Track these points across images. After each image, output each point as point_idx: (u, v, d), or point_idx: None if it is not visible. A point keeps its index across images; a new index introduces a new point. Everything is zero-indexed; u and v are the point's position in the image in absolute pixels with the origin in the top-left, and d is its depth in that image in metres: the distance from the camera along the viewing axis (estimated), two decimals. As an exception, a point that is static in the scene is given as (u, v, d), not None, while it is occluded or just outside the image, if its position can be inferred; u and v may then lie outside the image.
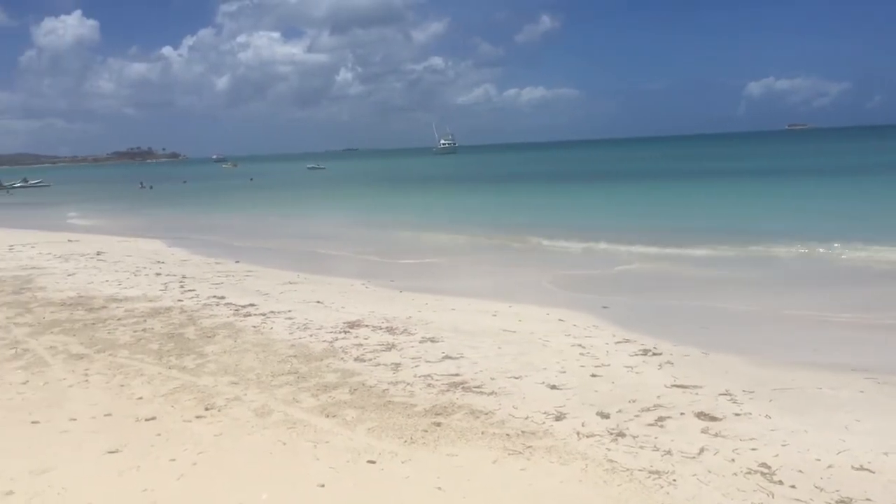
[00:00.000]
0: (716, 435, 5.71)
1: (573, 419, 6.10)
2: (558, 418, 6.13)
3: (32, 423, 6.22)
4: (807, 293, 12.55)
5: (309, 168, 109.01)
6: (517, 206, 34.62)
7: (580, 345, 8.73)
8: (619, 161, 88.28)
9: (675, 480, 4.88)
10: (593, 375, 7.42)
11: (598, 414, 6.22)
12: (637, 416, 6.18)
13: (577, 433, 5.78)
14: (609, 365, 7.81)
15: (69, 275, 14.75)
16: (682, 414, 6.21)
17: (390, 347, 8.58)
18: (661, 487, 4.78)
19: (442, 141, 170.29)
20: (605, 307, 11.23)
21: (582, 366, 7.79)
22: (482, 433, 5.78)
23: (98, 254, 18.38)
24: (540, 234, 21.76)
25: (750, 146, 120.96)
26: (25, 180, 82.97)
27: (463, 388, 7.01)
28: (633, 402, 6.54)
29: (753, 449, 5.40)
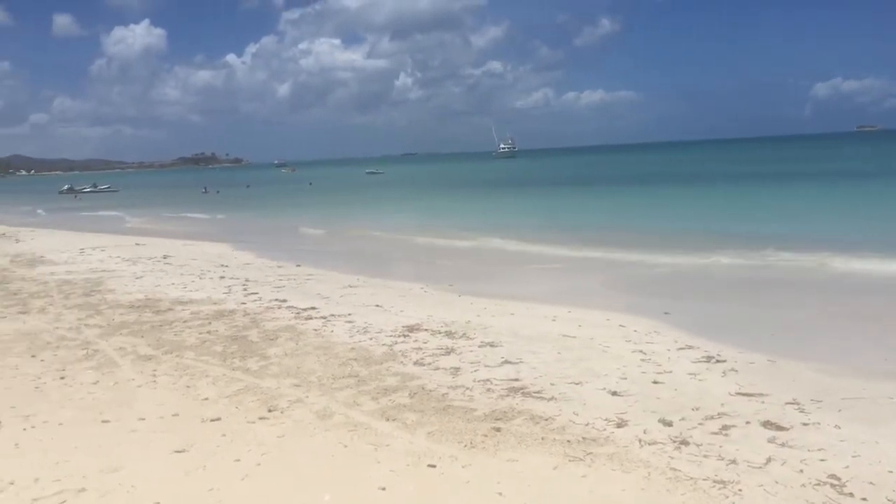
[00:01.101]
0: (783, 445, 5.58)
1: (635, 426, 6.03)
2: (620, 425, 6.07)
3: (103, 422, 6.41)
4: (877, 301, 12.15)
5: (368, 173, 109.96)
6: (578, 210, 34.33)
7: (641, 351, 8.62)
8: (680, 164, 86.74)
9: (740, 491, 4.79)
10: (655, 382, 7.32)
11: (660, 421, 6.14)
12: (701, 424, 6.08)
13: (639, 440, 5.71)
14: (671, 372, 7.70)
15: (137, 278, 15.15)
16: (747, 423, 6.09)
17: (449, 351, 8.61)
18: (727, 498, 4.69)
19: (502, 145, 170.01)
20: (666, 313, 11.05)
21: (643, 372, 7.69)
22: (542, 439, 5.76)
23: (164, 257, 18.84)
24: (601, 238, 21.56)
25: (818, 148, 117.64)
26: (95, 185, 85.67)
27: (522, 393, 6.99)
28: (697, 409, 6.44)
29: (822, 460, 5.26)
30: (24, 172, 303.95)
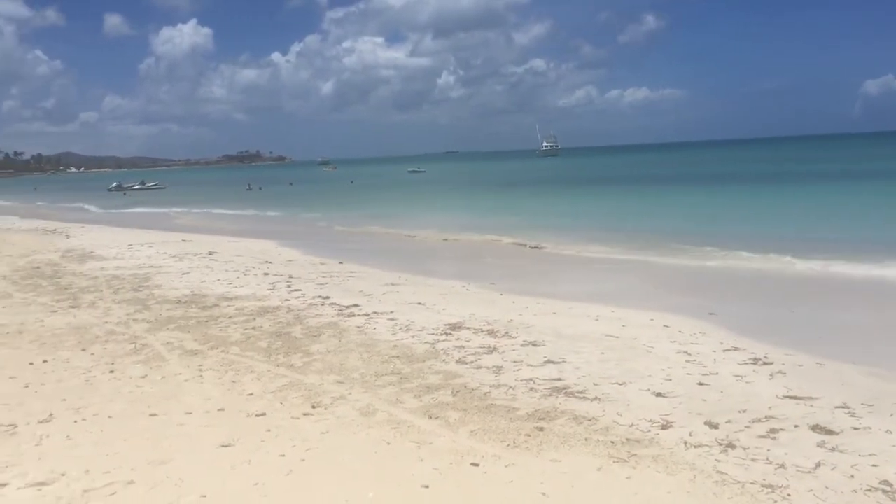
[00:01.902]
0: (833, 449, 5.46)
1: (680, 428, 5.96)
2: (664, 427, 6.00)
3: (151, 415, 6.52)
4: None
5: (410, 171, 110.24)
6: (621, 209, 34.06)
7: (686, 352, 8.51)
8: (725, 163, 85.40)
9: (789, 496, 4.70)
10: (700, 384, 7.22)
11: (706, 424, 6.05)
12: (748, 427, 5.98)
13: (685, 443, 5.64)
14: (717, 373, 7.59)
15: (183, 273, 15.39)
16: (795, 426, 5.97)
17: (492, 350, 8.59)
18: (775, 502, 4.62)
19: (545, 143, 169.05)
20: (711, 313, 10.90)
21: (688, 373, 7.59)
22: (586, 439, 5.72)
23: (210, 253, 19.11)
24: (644, 237, 21.38)
25: (868, 147, 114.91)
26: (143, 183, 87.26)
27: (565, 393, 6.95)
28: (744, 412, 6.34)
29: (874, 465, 5.14)
30: (74, 169, 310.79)
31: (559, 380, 7.37)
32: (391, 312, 10.90)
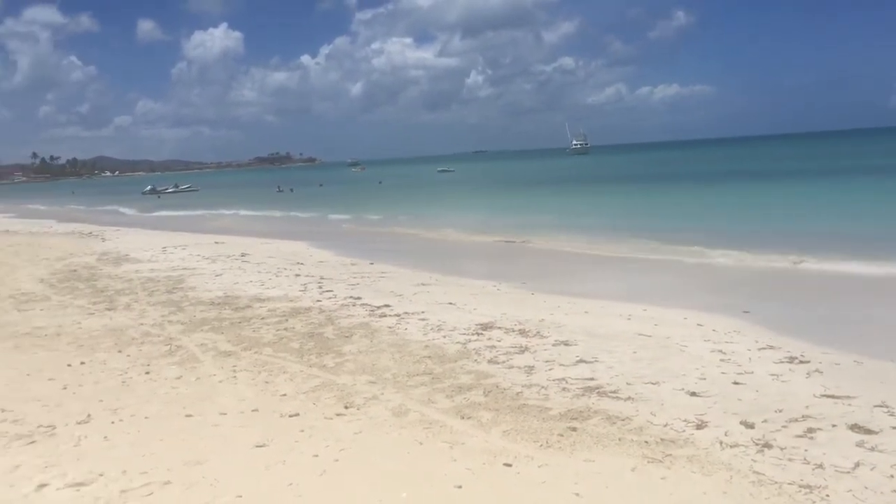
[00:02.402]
0: (872, 449, 5.37)
1: (715, 428, 5.90)
2: (699, 427, 5.94)
3: (186, 416, 6.59)
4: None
5: (439, 171, 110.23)
6: (652, 207, 33.86)
7: (720, 350, 8.42)
8: (758, 160, 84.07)
9: (827, 496, 4.64)
10: (735, 383, 7.14)
11: (741, 423, 5.98)
12: (784, 426, 5.90)
13: (720, 443, 5.58)
14: (752, 372, 7.50)
15: (216, 275, 15.54)
16: (833, 426, 5.88)
17: (523, 350, 8.57)
18: (814, 503, 4.54)
19: (574, 142, 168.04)
20: (746, 312, 10.78)
21: (723, 373, 7.51)
22: (619, 439, 5.68)
23: (242, 255, 19.27)
24: (676, 235, 21.19)
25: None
26: (176, 186, 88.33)
27: (598, 392, 6.91)
28: (780, 411, 6.25)
29: (916, 466, 5.04)
30: (108, 173, 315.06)
31: (592, 379, 7.33)
32: (422, 312, 10.92)
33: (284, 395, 7.15)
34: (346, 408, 6.68)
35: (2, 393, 7.39)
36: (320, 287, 13.63)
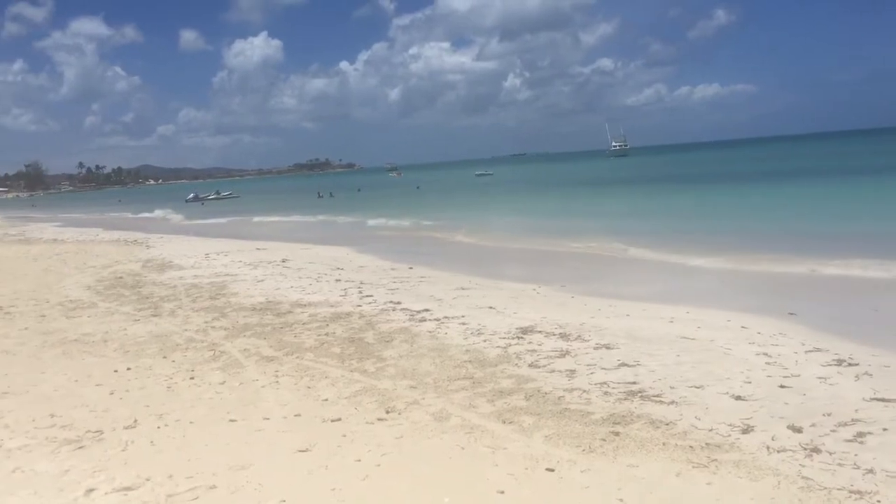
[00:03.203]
0: (925, 454, 5.23)
1: (762, 432, 5.80)
2: (745, 431, 5.85)
3: (230, 421, 6.67)
4: None
5: (477, 175, 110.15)
6: (692, 209, 33.36)
7: (766, 353, 8.28)
8: (800, 159, 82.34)
9: (878, 502, 4.53)
10: (782, 386, 7.01)
11: (789, 427, 5.87)
12: (833, 430, 5.78)
13: (767, 447, 5.48)
14: (799, 375, 7.36)
15: (258, 281, 15.71)
16: (884, 430, 5.75)
17: (564, 354, 8.51)
18: (865, 510, 4.44)
19: (614, 143, 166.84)
20: (791, 314, 10.58)
21: (769, 376, 7.38)
22: (663, 444, 5.61)
23: (283, 261, 19.45)
24: (717, 237, 20.92)
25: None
26: (218, 192, 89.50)
27: (641, 396, 6.84)
28: (828, 415, 6.12)
29: (971, 471, 4.90)
30: (152, 182, 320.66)
31: (634, 383, 7.26)
32: (462, 317, 10.91)
33: (326, 399, 7.20)
34: (387, 412, 6.70)
35: (51, 398, 7.55)
36: (360, 292, 13.70)
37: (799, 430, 5.80)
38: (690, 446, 5.55)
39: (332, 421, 6.53)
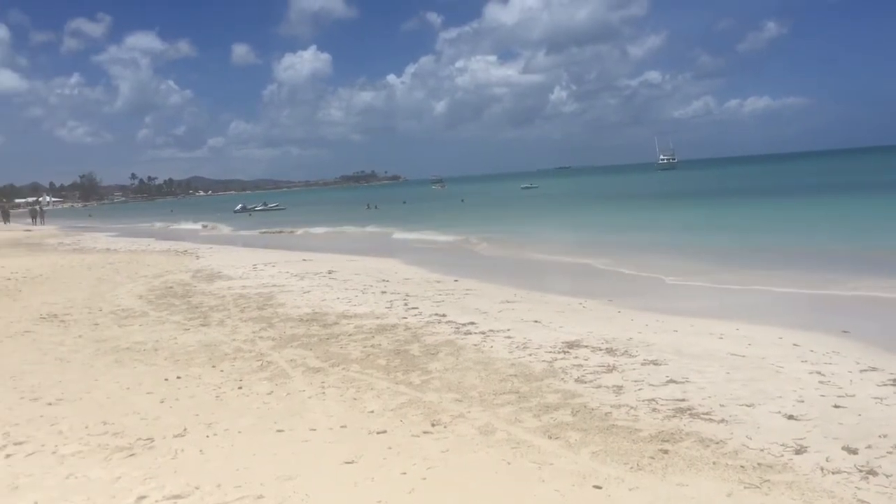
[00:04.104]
0: None
1: (815, 453, 5.66)
2: (798, 451, 5.71)
3: (277, 431, 6.72)
4: None
5: (523, 188, 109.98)
6: (742, 223, 32.80)
7: (819, 372, 8.09)
8: (856, 173, 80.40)
9: (940, 528, 4.38)
10: (836, 406, 6.84)
11: (843, 449, 5.72)
12: (890, 452, 5.62)
13: (821, 469, 5.35)
14: (854, 395, 7.17)
15: (305, 292, 15.86)
16: (945, 453, 5.57)
17: (611, 369, 8.43)
18: (925, 536, 4.30)
19: (661, 156, 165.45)
20: (845, 331, 10.34)
21: (822, 395, 7.21)
22: (714, 463, 5.51)
23: (329, 272, 19.60)
24: (773, 252, 20.58)
25: None
26: (265, 204, 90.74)
27: (690, 414, 6.73)
28: (885, 437, 5.95)
29: None
30: (202, 193, 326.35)
31: (683, 400, 7.15)
32: (507, 330, 10.87)
33: (372, 411, 7.22)
34: (432, 425, 6.70)
35: (104, 405, 7.71)
36: (406, 304, 13.75)
37: (854, 452, 5.66)
38: (742, 466, 5.44)
39: (378, 433, 6.54)
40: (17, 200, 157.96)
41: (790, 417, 6.55)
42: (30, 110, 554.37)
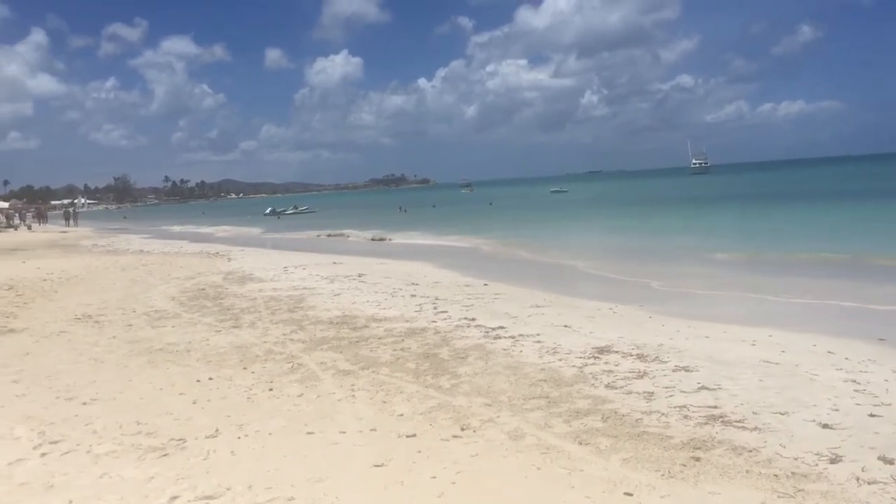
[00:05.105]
0: None
1: (851, 462, 5.57)
2: (833, 461, 5.63)
3: (308, 433, 6.76)
4: None
5: (552, 191, 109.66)
6: (776, 228, 32.37)
7: (854, 380, 7.96)
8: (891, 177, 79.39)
9: (980, 542, 4.29)
10: (871, 415, 6.73)
11: (879, 458, 5.63)
12: (928, 463, 5.51)
13: (857, 479, 5.26)
14: (890, 404, 7.04)
15: (335, 295, 15.94)
16: (984, 464, 5.45)
17: (642, 375, 8.37)
18: (965, 549, 4.22)
19: (694, 160, 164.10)
20: (881, 339, 10.17)
21: (858, 404, 7.10)
22: (747, 472, 5.45)
23: (359, 275, 19.68)
24: (800, 257, 20.32)
25: None
26: (295, 207, 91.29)
27: (722, 421, 6.66)
28: (923, 447, 5.85)
29: None
30: (233, 195, 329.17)
31: (715, 407, 7.08)
32: (537, 335, 10.84)
33: (401, 415, 7.24)
34: (462, 430, 6.69)
35: (137, 406, 7.80)
36: (435, 308, 13.76)
37: (891, 462, 5.56)
38: (775, 475, 5.38)
39: (408, 436, 6.55)
40: (53, 202, 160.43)
41: (825, 426, 6.45)
42: (67, 114, 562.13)
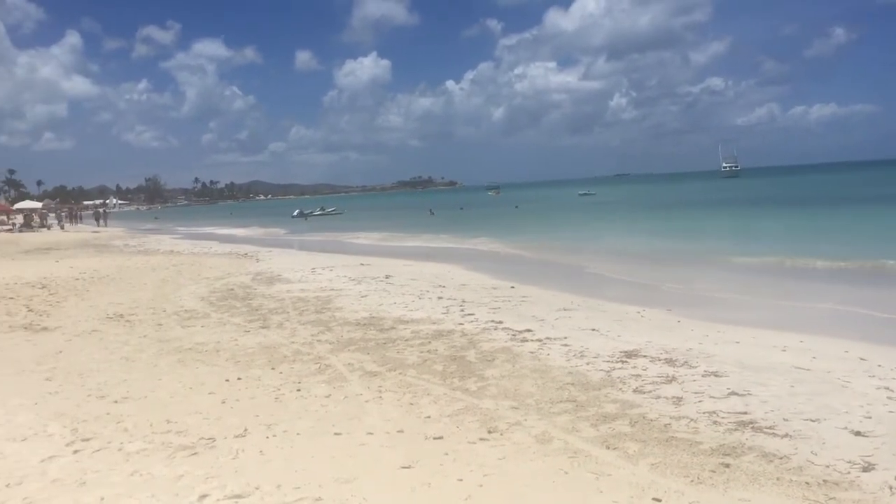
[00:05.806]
0: None
1: (884, 471, 5.49)
2: (865, 469, 5.55)
3: (335, 434, 6.80)
4: None
5: (580, 194, 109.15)
6: (809, 232, 31.94)
7: (887, 388, 7.84)
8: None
9: None
10: (906, 423, 6.63)
11: (914, 468, 5.54)
12: (963, 473, 5.42)
13: (890, 487, 5.19)
14: (925, 412, 6.94)
15: (362, 296, 16.00)
16: None
17: (671, 380, 8.30)
18: None
19: (724, 164, 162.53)
20: (916, 345, 10.01)
21: (890, 411, 6.99)
22: (777, 479, 5.39)
23: (386, 277, 19.74)
24: (833, 262, 20.05)
25: None
26: (322, 209, 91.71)
27: (753, 427, 6.59)
28: (958, 456, 5.74)
29: None
30: (262, 197, 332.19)
31: (745, 413, 7.01)
32: (565, 338, 10.80)
33: (429, 417, 7.25)
34: (489, 433, 6.69)
35: (167, 405, 7.89)
36: (462, 310, 13.76)
37: (926, 471, 5.47)
38: (806, 482, 5.31)
39: (435, 438, 6.56)
40: (85, 203, 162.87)
41: (857, 433, 6.37)
42: (100, 115, 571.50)
